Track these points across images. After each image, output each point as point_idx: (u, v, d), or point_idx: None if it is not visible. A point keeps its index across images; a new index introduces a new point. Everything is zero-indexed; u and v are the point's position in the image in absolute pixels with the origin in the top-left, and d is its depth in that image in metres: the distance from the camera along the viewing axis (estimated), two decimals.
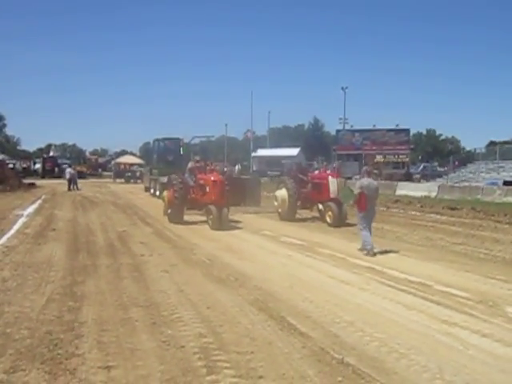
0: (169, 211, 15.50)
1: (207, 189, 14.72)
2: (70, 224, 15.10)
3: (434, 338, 5.46)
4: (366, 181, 10.57)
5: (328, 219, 15.33)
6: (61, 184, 36.39)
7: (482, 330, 5.70)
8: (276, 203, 16.78)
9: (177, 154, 27.94)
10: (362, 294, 7.25)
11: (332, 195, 15.18)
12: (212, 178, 14.65)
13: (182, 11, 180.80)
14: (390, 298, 7.02)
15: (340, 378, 4.38)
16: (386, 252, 10.58)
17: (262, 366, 4.61)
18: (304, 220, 16.75)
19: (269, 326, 5.72)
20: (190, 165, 16.60)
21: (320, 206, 16.55)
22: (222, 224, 13.96)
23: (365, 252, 10.14)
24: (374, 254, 10.00)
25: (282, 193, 16.28)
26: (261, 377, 4.38)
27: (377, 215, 11.93)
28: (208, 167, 16.03)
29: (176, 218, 15.22)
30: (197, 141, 36.06)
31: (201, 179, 15.40)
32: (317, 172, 17.87)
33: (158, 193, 25.30)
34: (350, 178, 30.33)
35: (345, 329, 5.68)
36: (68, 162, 58.68)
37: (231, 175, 20.57)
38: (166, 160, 27.65)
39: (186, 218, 15.63)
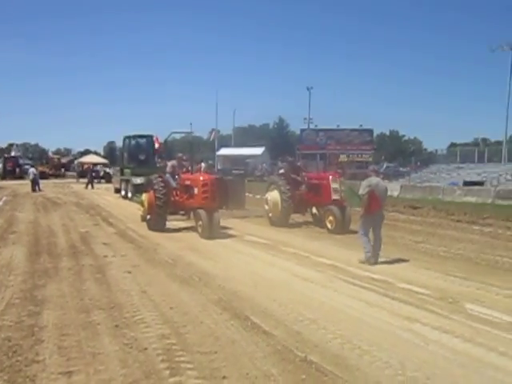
0: (148, 217, 13.69)
1: (195, 190, 12.84)
2: (31, 226, 14.70)
3: (396, 334, 5.53)
4: (374, 179, 9.52)
5: (329, 225, 13.63)
6: (22, 185, 35.49)
7: (442, 326, 5.79)
8: (267, 207, 15.18)
9: (150, 152, 26.78)
10: (325, 292, 7.29)
11: (334, 197, 13.70)
12: (201, 178, 13.02)
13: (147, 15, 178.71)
14: (352, 296, 7.08)
15: (304, 376, 4.38)
16: (346, 250, 10.77)
17: (226, 365, 4.57)
18: (299, 225, 15.18)
19: (232, 326, 5.69)
20: (170, 164, 14.85)
21: (314, 210, 15.34)
22: (213, 231, 12.27)
23: (364, 260, 9.23)
24: (375, 263, 9.16)
25: (274, 195, 14.69)
26: (224, 377, 4.34)
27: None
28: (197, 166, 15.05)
29: (157, 224, 13.34)
30: (176, 136, 34.90)
31: (187, 179, 13.65)
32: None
33: (129, 195, 24.25)
34: None
35: (308, 326, 5.69)
36: (30, 162, 57.28)
37: None
38: (137, 159, 26.18)
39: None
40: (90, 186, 35.47)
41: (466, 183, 31.78)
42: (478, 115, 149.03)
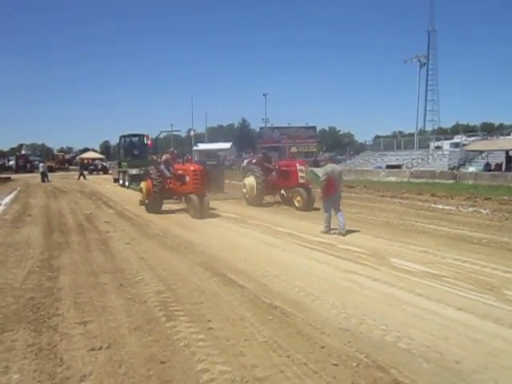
0: (146, 201, 13.09)
1: (187, 179, 12.27)
2: (43, 210, 14.26)
3: (339, 283, 5.70)
4: (329, 167, 9.15)
5: (297, 204, 13.26)
6: (33, 177, 34.20)
7: (373, 275, 5.98)
8: (245, 190, 14.73)
9: (142, 148, 26.06)
10: (284, 253, 7.40)
11: (301, 181, 13.32)
12: (192, 168, 12.38)
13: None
14: (305, 256, 7.21)
15: (271, 317, 4.50)
16: (299, 221, 10.88)
17: (210, 312, 4.65)
18: (271, 204, 14.53)
19: (214, 282, 5.75)
20: (164, 157, 14.18)
21: (282, 192, 14.72)
22: (204, 212, 11.74)
23: (324, 232, 9.09)
24: (345, 234, 8.86)
25: (250, 180, 14.36)
26: (209, 320, 4.43)
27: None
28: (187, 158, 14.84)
29: (154, 207, 12.76)
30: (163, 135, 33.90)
31: (179, 169, 12.98)
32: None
33: (127, 183, 23.75)
34: None
35: (272, 280, 5.80)
36: (39, 158, 55.21)
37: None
38: (132, 154, 25.51)
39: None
40: (81, 177, 33.60)
41: (388, 166, 32.54)
42: (395, 113, 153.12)
